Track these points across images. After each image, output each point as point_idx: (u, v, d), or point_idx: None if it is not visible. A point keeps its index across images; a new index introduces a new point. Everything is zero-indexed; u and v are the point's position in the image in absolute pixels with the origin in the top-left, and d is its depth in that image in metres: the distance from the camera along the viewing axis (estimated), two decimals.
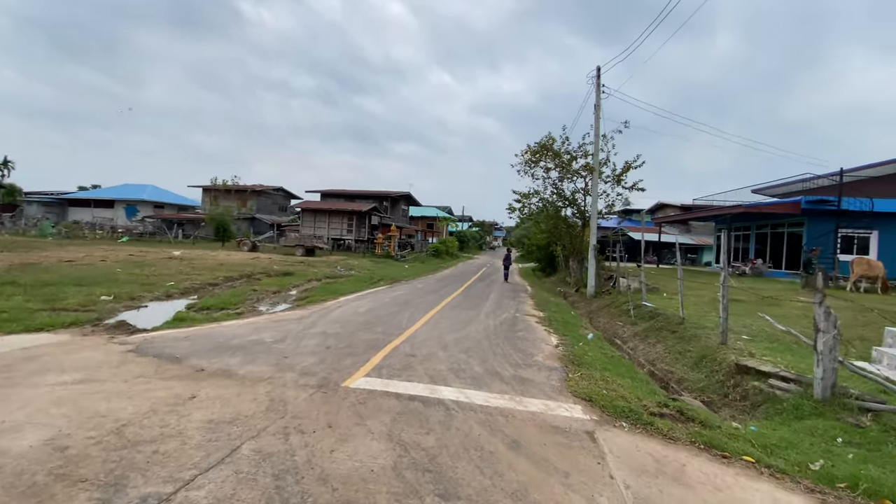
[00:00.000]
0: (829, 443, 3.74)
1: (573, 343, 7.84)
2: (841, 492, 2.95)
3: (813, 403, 4.44)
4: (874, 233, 20.85)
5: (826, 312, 4.46)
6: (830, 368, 4.42)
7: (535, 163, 19.38)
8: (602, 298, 14.78)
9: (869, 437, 3.76)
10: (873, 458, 3.40)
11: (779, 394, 4.95)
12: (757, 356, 6.22)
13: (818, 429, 3.99)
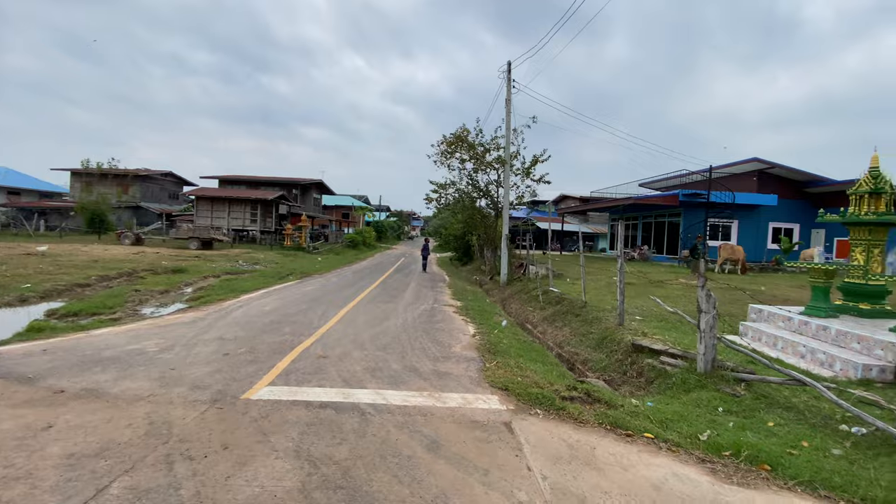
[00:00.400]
0: (713, 413, 4.19)
1: (489, 331, 7.99)
2: (727, 459, 3.28)
3: (697, 377, 4.96)
4: (735, 222, 24.46)
5: (707, 295, 4.98)
6: (711, 345, 4.97)
7: (451, 154, 19.53)
8: (514, 285, 15.40)
9: (744, 405, 4.29)
10: (749, 424, 3.87)
11: (669, 369, 5.47)
12: (649, 335, 6.86)
13: (703, 400, 4.45)
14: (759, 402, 4.33)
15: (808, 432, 3.73)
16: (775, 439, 3.56)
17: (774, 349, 6.44)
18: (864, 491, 2.81)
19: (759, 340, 6.86)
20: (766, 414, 4.10)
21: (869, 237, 6.76)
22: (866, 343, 5.56)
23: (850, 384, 5.09)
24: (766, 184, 24.63)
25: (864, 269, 6.76)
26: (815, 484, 2.94)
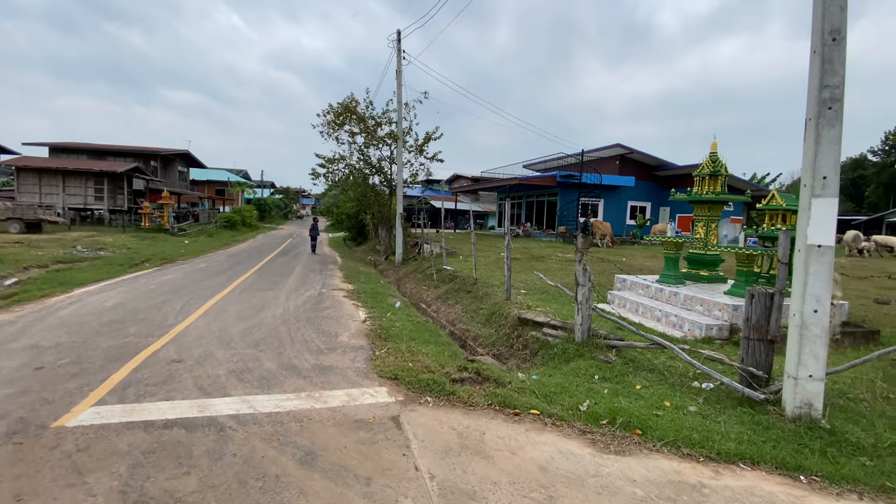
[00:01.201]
0: (590, 381, 4.41)
1: (381, 315, 7.62)
2: (605, 428, 3.42)
3: (576, 346, 5.23)
4: (601, 200, 27.35)
5: (584, 269, 5.24)
6: (587, 316, 5.26)
7: (340, 126, 18.28)
8: (409, 265, 15.20)
9: (615, 370, 4.60)
10: (621, 389, 4.13)
11: (551, 340, 5.71)
12: (533, 308, 7.15)
13: (581, 369, 4.68)
14: (627, 367, 4.68)
15: (668, 392, 4.10)
16: (643, 402, 3.84)
17: (637, 314, 7.19)
18: (718, 445, 3.11)
19: (624, 307, 7.61)
20: (634, 378, 4.44)
21: (708, 213, 7.83)
22: (707, 306, 6.44)
23: (696, 342, 5.84)
24: (626, 167, 27.89)
25: (705, 241, 7.84)
26: (679, 443, 3.18)
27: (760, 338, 3.89)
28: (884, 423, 3.47)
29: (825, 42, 3.30)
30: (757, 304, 3.89)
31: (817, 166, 3.35)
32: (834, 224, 3.36)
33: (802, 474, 2.88)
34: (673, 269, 7.72)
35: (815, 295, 3.38)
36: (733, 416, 3.55)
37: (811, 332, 3.39)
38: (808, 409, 3.43)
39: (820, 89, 3.32)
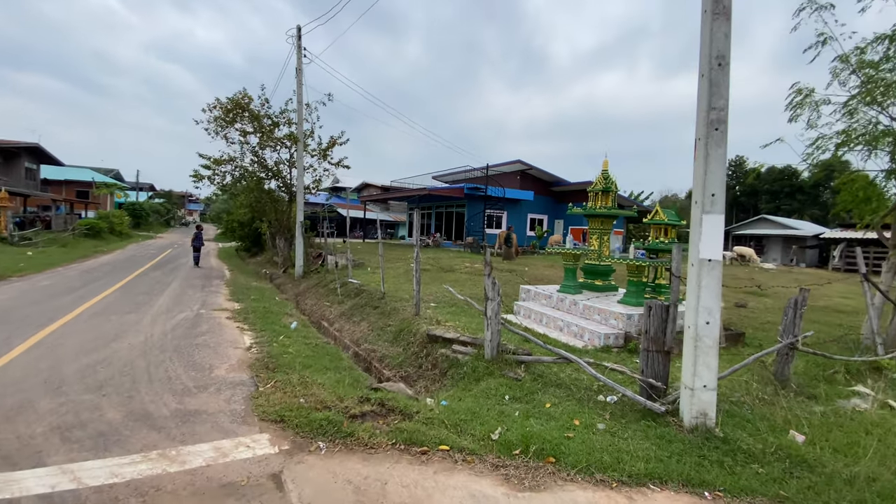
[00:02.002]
0: (501, 402, 4.17)
1: (272, 339, 6.72)
2: (518, 459, 3.16)
3: (485, 364, 5.00)
4: (505, 213, 28.57)
5: (493, 283, 5.05)
6: (496, 331, 5.07)
7: (230, 123, 16.45)
8: (311, 278, 14.08)
9: (525, 388, 4.43)
10: (532, 410, 3.94)
11: (460, 358, 5.42)
12: (443, 323, 6.85)
13: (491, 389, 4.43)
14: (536, 384, 4.55)
15: (577, 408, 4.01)
16: (554, 423, 3.68)
17: (541, 325, 7.28)
18: (629, 467, 3.01)
19: (529, 317, 7.68)
20: (544, 395, 4.31)
21: (601, 226, 8.29)
22: (604, 315, 6.71)
23: (596, 352, 6.00)
24: (526, 182, 29.53)
25: (599, 253, 8.28)
26: (592, 468, 3.03)
27: (658, 349, 3.98)
28: (765, 425, 3.72)
29: (712, 66, 3.49)
30: (654, 316, 3.99)
31: (707, 184, 3.50)
32: (721, 239, 3.53)
33: (706, 489, 2.88)
34: (572, 280, 8.01)
35: (707, 307, 3.51)
36: (638, 431, 3.54)
37: (704, 343, 3.52)
38: (703, 419, 3.53)
39: (708, 111, 3.49)
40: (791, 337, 4.67)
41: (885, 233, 6.96)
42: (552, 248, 15.04)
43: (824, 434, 3.64)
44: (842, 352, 5.97)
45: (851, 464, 3.15)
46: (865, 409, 4.23)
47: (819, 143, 6.90)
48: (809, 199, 49.05)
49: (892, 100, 6.28)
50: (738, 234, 35.17)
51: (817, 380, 5.01)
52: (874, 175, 6.72)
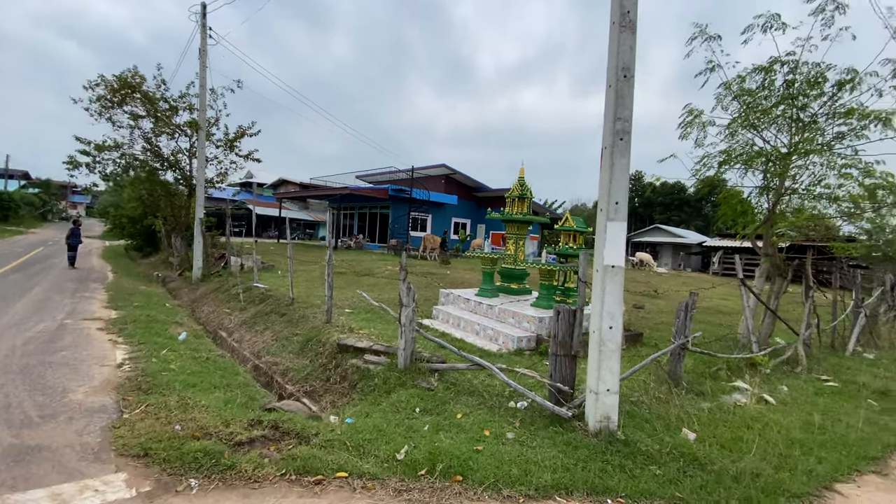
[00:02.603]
0: (411, 416, 3.92)
1: (153, 352, 5.81)
2: (423, 480, 2.92)
3: (398, 374, 4.73)
4: (430, 216, 28.58)
5: (408, 288, 4.80)
6: (410, 339, 4.83)
7: (118, 104, 14.38)
8: (211, 282, 12.72)
9: (437, 398, 4.22)
10: (442, 422, 3.74)
11: (372, 368, 5.09)
12: (356, 331, 6.45)
13: (402, 402, 4.17)
14: (449, 393, 4.38)
15: (488, 417, 3.89)
16: (464, 435, 3.51)
17: (459, 329, 7.18)
18: (536, 479, 2.92)
19: (447, 322, 7.55)
20: (456, 404, 4.14)
21: (517, 231, 8.45)
22: (518, 318, 6.78)
23: (510, 355, 6.01)
24: (451, 186, 29.85)
25: (514, 257, 8.43)
26: (499, 483, 2.89)
27: (566, 353, 4.01)
28: (661, 424, 3.89)
29: (618, 78, 3.57)
30: (562, 320, 4.01)
31: (612, 192, 3.58)
32: (623, 246, 3.63)
33: (609, 497, 2.87)
34: (489, 283, 8.05)
35: (610, 312, 3.58)
36: (546, 439, 3.50)
37: (608, 347, 3.58)
38: (606, 423, 3.59)
39: (614, 121, 3.57)
40: (682, 338, 5.02)
41: (757, 242, 7.91)
42: (473, 252, 15.24)
43: (712, 430, 3.90)
44: (723, 350, 6.61)
45: (737, 460, 3.37)
46: (745, 404, 4.66)
47: (705, 161, 7.63)
48: (694, 212, 55.70)
49: (766, 125, 7.14)
50: (636, 241, 38.83)
51: (704, 377, 5.46)
52: (749, 191, 7.59)
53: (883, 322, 9.88)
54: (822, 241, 8.79)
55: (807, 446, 3.78)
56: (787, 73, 6.80)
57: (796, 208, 7.32)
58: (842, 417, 4.53)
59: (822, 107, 6.74)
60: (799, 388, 5.37)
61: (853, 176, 6.46)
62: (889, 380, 5.98)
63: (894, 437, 4.15)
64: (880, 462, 3.70)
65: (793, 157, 6.85)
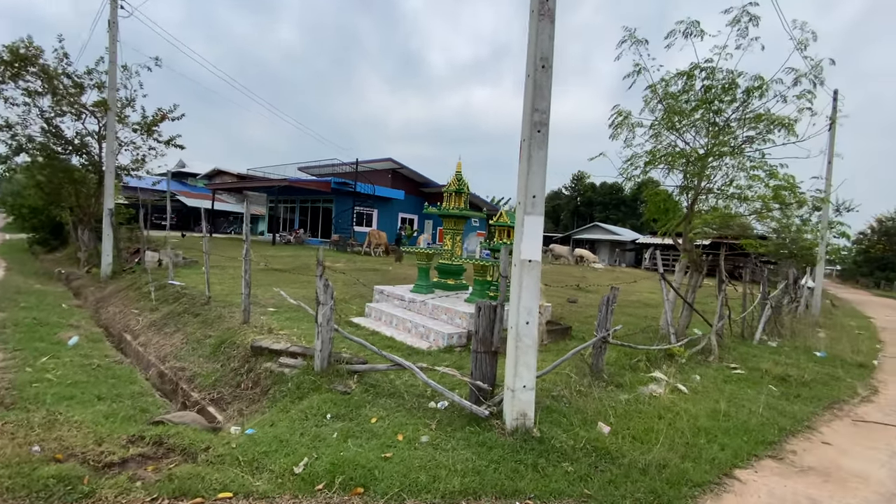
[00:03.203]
0: (321, 422, 3.63)
1: (31, 359, 5.06)
2: (320, 495, 2.66)
3: (314, 377, 4.41)
4: (375, 210, 27.97)
5: (325, 285, 4.48)
6: (328, 339, 4.51)
7: (11, 78, 12.61)
8: (122, 279, 11.52)
9: (352, 402, 3.96)
10: (354, 428, 3.49)
11: (287, 372, 4.72)
12: (276, 331, 6.02)
13: (313, 408, 3.86)
14: (367, 395, 4.13)
15: (405, 420, 3.69)
16: (374, 442, 3.28)
17: (391, 327, 6.93)
18: (444, 484, 2.76)
19: (380, 320, 7.27)
20: (372, 408, 3.90)
21: (454, 227, 8.32)
22: (450, 314, 6.65)
23: (440, 352, 5.85)
24: (398, 181, 29.39)
25: (451, 252, 8.30)
26: (404, 493, 2.69)
27: (486, 350, 3.89)
28: (579, 418, 3.88)
29: (537, 68, 3.47)
30: (483, 316, 3.89)
31: (529, 186, 3.48)
32: (541, 240, 3.55)
33: (518, 499, 2.77)
34: (424, 280, 7.86)
35: (527, 307, 3.49)
36: (462, 440, 3.35)
37: (524, 343, 3.49)
38: (523, 420, 3.51)
39: (532, 112, 3.47)
40: (604, 331, 5.09)
41: (678, 239, 8.32)
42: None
43: (626, 423, 3.95)
44: (645, 341, 6.87)
45: (647, 451, 3.40)
46: (660, 394, 4.80)
47: (633, 161, 7.89)
48: (630, 211, 58.98)
49: (687, 127, 7.48)
50: (577, 238, 40.47)
51: (625, 368, 5.60)
52: (672, 190, 7.95)
53: (786, 312, 10.85)
54: (735, 238, 9.44)
55: (712, 434, 3.92)
56: (705, 78, 7.15)
57: (712, 207, 7.77)
58: (745, 403, 4.80)
59: (735, 112, 7.16)
60: (710, 377, 5.66)
61: (761, 177, 6.93)
62: (789, 366, 6.49)
63: (790, 422, 4.44)
64: (776, 447, 3.92)
65: (709, 158, 7.23)
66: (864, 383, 6.22)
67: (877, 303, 23.16)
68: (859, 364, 7.29)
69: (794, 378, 5.86)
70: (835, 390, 5.67)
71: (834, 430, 4.48)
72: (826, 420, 4.73)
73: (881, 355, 8.49)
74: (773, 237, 13.93)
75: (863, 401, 5.48)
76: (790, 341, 8.77)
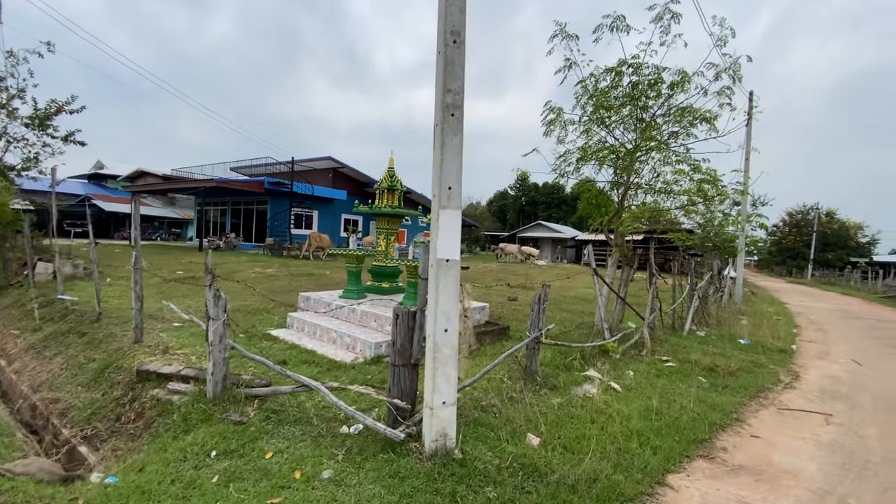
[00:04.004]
0: (203, 462, 3.02)
1: None
2: None
3: (205, 406, 3.75)
4: (315, 212, 26.72)
5: (216, 296, 3.83)
6: (221, 359, 3.87)
7: None
8: (8, 295, 9.94)
9: (246, 434, 3.36)
10: (242, 467, 2.92)
11: (176, 400, 4.02)
12: (173, 350, 5.22)
13: (196, 444, 3.23)
14: (267, 424, 3.55)
15: (310, 451, 3.17)
16: (265, 483, 2.74)
17: (314, 338, 6.31)
18: None
19: (302, 331, 6.62)
20: (271, 439, 3.33)
21: (388, 226, 7.83)
22: (381, 321, 6.15)
23: (366, 364, 5.35)
24: (339, 181, 28.29)
25: (385, 253, 7.80)
26: None
27: (405, 363, 3.46)
28: (508, 430, 3.55)
29: (447, 43, 3.08)
30: (401, 324, 3.45)
31: (443, 176, 3.08)
32: (458, 236, 3.16)
33: None
34: (355, 284, 7.30)
35: (445, 312, 3.09)
36: (372, 472, 2.89)
37: (443, 353, 3.09)
38: (443, 441, 3.10)
39: (444, 93, 3.07)
40: (536, 331, 4.83)
41: (611, 235, 8.36)
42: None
43: (558, 431, 3.67)
44: (582, 338, 6.76)
45: (577, 463, 3.12)
46: (593, 395, 4.60)
47: (566, 157, 7.80)
48: (571, 209, 61.11)
49: (616, 123, 7.48)
50: (521, 236, 41.26)
51: (559, 368, 5.39)
52: (604, 185, 7.94)
53: (712, 302, 11.36)
54: (663, 232, 9.69)
55: (644, 436, 3.74)
56: (632, 74, 7.17)
57: (642, 202, 7.85)
58: (677, 398, 4.72)
59: (660, 107, 7.25)
60: (643, 372, 5.59)
61: (686, 172, 7.04)
62: (716, 356, 6.62)
63: (719, 415, 4.39)
64: (708, 444, 3.80)
65: (637, 153, 7.27)
66: (786, 369, 6.47)
67: (790, 289, 25.41)
68: (780, 350, 7.64)
69: (721, 368, 5.94)
70: (759, 378, 5.81)
71: (761, 420, 4.48)
72: (753, 410, 4.75)
73: (798, 339, 9.02)
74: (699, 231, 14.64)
75: (786, 387, 5.64)
76: (717, 330, 9.11)
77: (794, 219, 46.63)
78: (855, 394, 5.57)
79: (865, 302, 19.79)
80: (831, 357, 7.67)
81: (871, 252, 45.84)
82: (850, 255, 43.23)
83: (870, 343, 9.25)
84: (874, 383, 6.11)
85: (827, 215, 45.59)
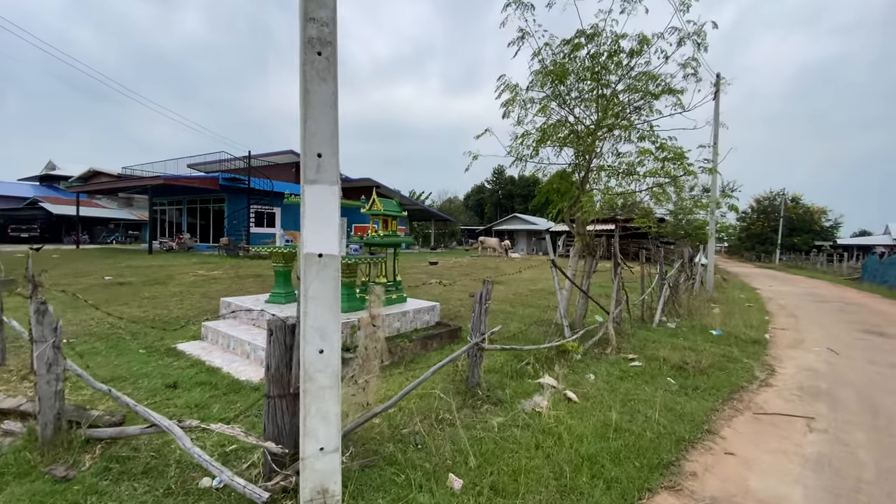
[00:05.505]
0: None
1: None
2: None
3: (30, 454, 2.84)
4: (278, 209, 25.40)
5: (40, 311, 2.90)
6: (52, 393, 2.95)
7: None
8: None
9: (69, 496, 2.48)
10: None
11: (6, 445, 3.08)
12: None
13: None
14: (105, 478, 2.67)
15: None
16: None
17: (227, 351, 5.39)
18: None
19: (215, 343, 5.69)
20: (104, 500, 2.46)
21: None
22: None
23: None
24: None
25: None
26: None
27: (282, 392, 2.63)
28: (424, 471, 2.76)
29: None
30: (275, 343, 2.62)
31: (308, 138, 2.25)
32: (336, 222, 2.34)
33: None
34: (283, 286, 6.40)
35: (319, 328, 2.27)
36: None
37: (317, 383, 2.27)
38: (322, 500, 2.30)
39: (305, 22, 2.23)
40: (478, 335, 4.07)
41: (573, 224, 7.68)
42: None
43: (490, 465, 2.91)
44: (542, 337, 6.06)
45: None
46: (543, 409, 3.88)
47: (523, 139, 7.07)
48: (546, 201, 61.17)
49: (576, 101, 6.76)
50: (497, 229, 40.72)
51: (509, 376, 4.66)
52: (564, 167, 7.24)
53: (683, 291, 10.88)
54: (628, 220, 9.10)
55: (598, 464, 3.02)
56: (589, 43, 6.46)
57: (605, 185, 7.19)
58: (640, 408, 4.05)
59: (621, 80, 6.57)
60: (605, 375, 4.92)
61: (650, 150, 6.39)
62: (686, 350, 6.02)
63: (688, 428, 3.73)
64: (674, 469, 3.11)
65: (598, 132, 6.60)
66: (760, 363, 5.91)
67: (760, 274, 25.58)
68: (753, 340, 7.13)
69: (691, 365, 5.32)
70: (733, 376, 5.21)
71: (736, 430, 3.84)
72: (727, 417, 4.11)
73: (771, 328, 8.57)
74: (671, 219, 14.16)
75: (761, 385, 5.05)
76: (688, 320, 8.58)
77: (762, 205, 47.59)
78: (836, 390, 5.03)
79: (832, 284, 19.92)
80: (806, 346, 7.21)
81: (835, 235, 47.24)
82: (815, 239, 44.40)
83: (842, 328, 8.89)
84: (854, 375, 5.61)
85: (792, 200, 46.68)
